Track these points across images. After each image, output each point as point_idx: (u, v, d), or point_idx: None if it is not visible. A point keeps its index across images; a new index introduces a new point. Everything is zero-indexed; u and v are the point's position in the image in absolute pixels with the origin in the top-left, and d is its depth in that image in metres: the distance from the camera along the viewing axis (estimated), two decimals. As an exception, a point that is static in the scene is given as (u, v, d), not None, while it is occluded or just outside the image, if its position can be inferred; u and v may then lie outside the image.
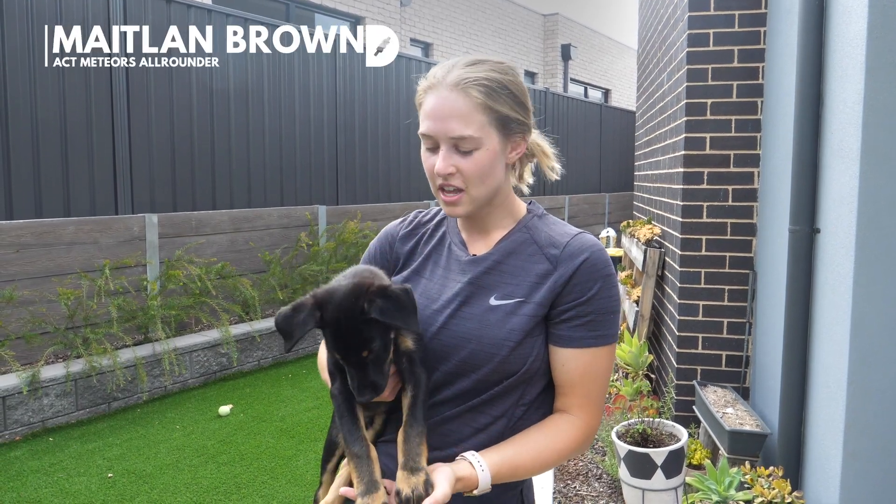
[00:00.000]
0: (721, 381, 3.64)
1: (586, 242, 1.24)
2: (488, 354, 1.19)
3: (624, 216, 13.66)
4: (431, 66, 1.29)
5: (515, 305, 1.21)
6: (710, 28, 3.58)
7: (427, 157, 1.24)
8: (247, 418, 4.49)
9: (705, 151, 3.64)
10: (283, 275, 6.30)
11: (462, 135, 1.18)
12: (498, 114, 1.21)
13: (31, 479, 3.57)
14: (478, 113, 1.19)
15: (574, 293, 1.20)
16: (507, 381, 1.21)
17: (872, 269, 2.29)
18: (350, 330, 1.10)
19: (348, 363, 1.12)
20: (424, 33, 13.91)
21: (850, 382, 2.33)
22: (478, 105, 1.19)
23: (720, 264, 3.66)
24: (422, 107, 1.24)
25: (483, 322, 1.21)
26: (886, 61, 2.25)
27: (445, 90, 1.20)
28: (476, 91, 1.19)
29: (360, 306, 1.09)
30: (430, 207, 1.50)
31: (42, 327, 4.58)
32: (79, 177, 5.31)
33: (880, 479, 2.32)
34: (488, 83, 1.20)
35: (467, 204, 1.24)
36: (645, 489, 3.01)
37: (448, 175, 1.21)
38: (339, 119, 7.64)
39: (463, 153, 1.20)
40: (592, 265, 1.21)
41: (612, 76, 21.36)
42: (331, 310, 1.11)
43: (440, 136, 1.20)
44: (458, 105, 1.18)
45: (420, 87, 1.26)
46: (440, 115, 1.19)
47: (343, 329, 1.10)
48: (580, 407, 1.24)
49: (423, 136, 1.23)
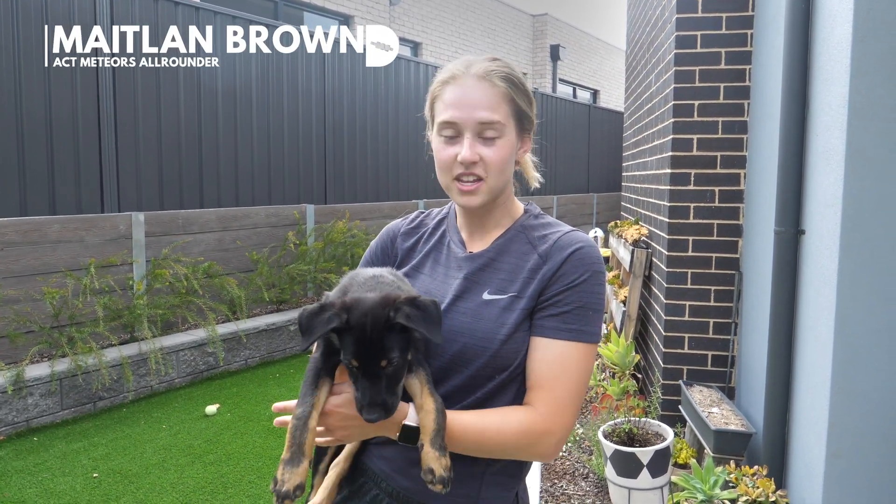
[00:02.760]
0: (707, 380, 3.67)
1: (577, 238, 1.25)
2: (480, 348, 1.20)
3: (612, 216, 13.72)
4: (421, 66, 1.30)
5: (509, 300, 1.22)
6: (697, 30, 3.61)
7: (444, 148, 1.25)
8: (234, 418, 4.47)
9: (692, 153, 3.66)
10: (271, 274, 6.28)
11: (491, 119, 1.21)
12: (517, 107, 1.26)
13: (16, 479, 3.54)
14: (503, 102, 1.23)
15: (559, 283, 1.21)
16: (498, 377, 1.21)
17: (856, 270, 2.32)
18: (374, 336, 1.08)
19: (364, 372, 1.09)
20: (413, 33, 13.90)
21: (834, 382, 2.36)
22: (503, 95, 1.23)
23: (706, 265, 3.68)
24: (440, 98, 1.26)
25: (476, 316, 1.22)
26: (871, 65, 2.27)
27: (471, 80, 1.23)
28: (501, 82, 1.23)
29: (387, 314, 1.09)
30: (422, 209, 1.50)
31: (27, 326, 4.54)
32: (64, 174, 5.26)
33: (863, 477, 2.35)
34: (510, 77, 1.25)
35: (484, 194, 1.25)
36: (631, 488, 3.03)
37: (472, 163, 1.22)
38: (327, 118, 7.62)
39: (486, 141, 1.22)
40: (580, 258, 1.22)
41: (600, 77, 21.44)
42: (357, 314, 1.09)
43: (467, 123, 1.22)
44: (486, 93, 1.22)
45: (437, 80, 1.29)
46: (467, 103, 1.22)
47: (368, 334, 1.08)
48: (543, 402, 1.18)
49: (444, 125, 1.24)
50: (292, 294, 6.54)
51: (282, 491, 1.05)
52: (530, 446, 1.18)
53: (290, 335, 6.08)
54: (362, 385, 1.08)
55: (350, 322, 1.08)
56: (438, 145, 1.27)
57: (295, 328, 6.11)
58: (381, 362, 1.08)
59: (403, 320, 1.07)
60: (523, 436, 1.16)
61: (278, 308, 6.49)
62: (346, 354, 1.10)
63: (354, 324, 1.08)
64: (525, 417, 1.17)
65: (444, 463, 1.08)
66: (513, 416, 1.18)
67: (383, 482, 1.28)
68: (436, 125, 1.27)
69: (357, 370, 1.09)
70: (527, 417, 1.17)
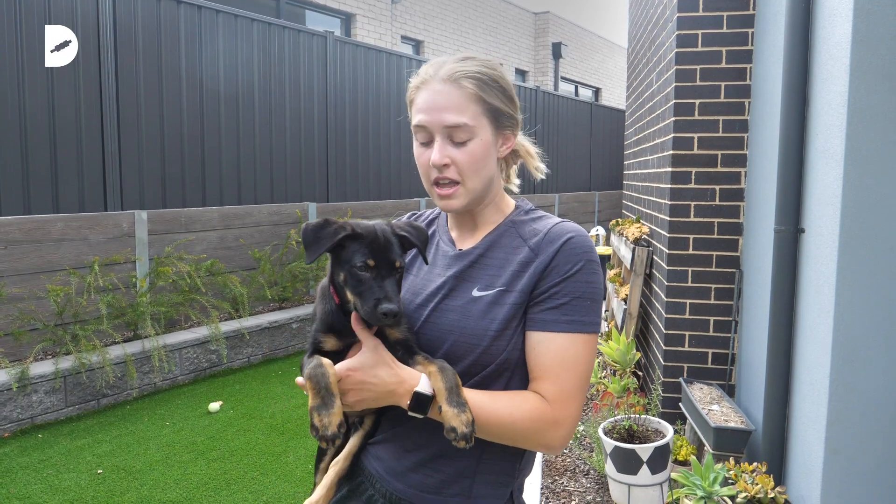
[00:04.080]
0: (707, 378, 3.69)
1: (567, 228, 1.25)
2: (469, 346, 1.20)
3: (613, 214, 13.74)
4: (423, 64, 1.32)
5: (497, 295, 1.22)
6: (698, 29, 3.62)
7: (421, 153, 1.26)
8: (236, 415, 4.50)
9: (693, 151, 3.68)
10: (273, 272, 6.30)
11: (457, 122, 1.21)
12: (490, 105, 1.25)
13: (21, 475, 3.57)
14: (471, 103, 1.22)
15: (553, 275, 1.20)
16: (484, 371, 1.21)
17: (856, 268, 2.33)
18: (386, 239, 1.16)
19: (379, 273, 1.13)
20: (415, 31, 13.90)
21: (833, 380, 2.37)
22: (471, 95, 1.22)
23: (707, 263, 3.70)
24: (413, 103, 1.27)
25: (465, 313, 1.22)
26: (871, 65, 2.28)
27: (438, 83, 1.23)
28: (468, 83, 1.22)
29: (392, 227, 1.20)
30: (423, 208, 1.52)
31: (31, 324, 4.56)
32: (68, 173, 5.29)
33: (861, 474, 2.37)
34: (479, 76, 1.24)
35: (463, 197, 1.25)
36: (631, 484, 3.05)
37: (443, 166, 1.22)
38: (329, 116, 7.64)
39: (457, 144, 1.22)
40: (572, 248, 1.21)
41: (602, 75, 21.42)
42: (365, 226, 1.17)
43: (435, 127, 1.22)
44: (452, 96, 1.21)
45: (411, 84, 1.29)
46: (434, 107, 1.22)
47: (380, 237, 1.16)
48: (550, 392, 1.17)
49: (416, 130, 1.25)
50: (294, 292, 6.56)
51: (327, 434, 1.06)
52: (538, 434, 1.17)
53: (293, 333, 6.10)
54: (376, 284, 1.12)
55: (358, 231, 1.15)
56: (416, 150, 1.28)
57: (298, 325, 6.14)
58: (395, 262, 1.15)
59: (407, 233, 1.19)
60: (532, 422, 1.16)
61: (281, 306, 6.51)
62: (360, 258, 1.14)
63: (365, 232, 1.16)
64: (536, 404, 1.17)
65: (465, 418, 1.08)
66: (523, 402, 1.17)
67: (378, 483, 1.29)
68: (412, 128, 1.28)
69: (372, 270, 1.13)
70: (537, 404, 1.17)
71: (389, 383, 1.13)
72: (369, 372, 1.13)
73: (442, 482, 1.23)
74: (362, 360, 1.14)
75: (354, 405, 1.16)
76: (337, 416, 1.07)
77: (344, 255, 1.15)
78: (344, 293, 1.17)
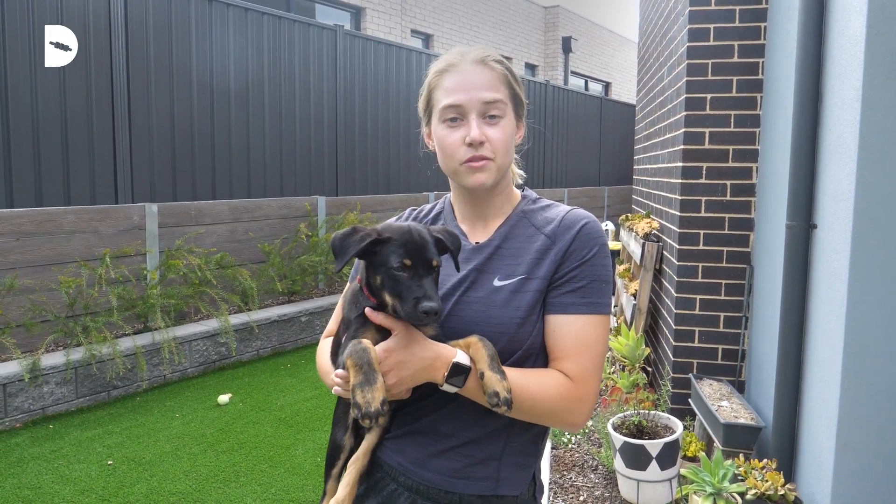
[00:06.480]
0: (717, 374, 3.67)
1: (580, 215, 1.30)
2: (497, 334, 1.22)
3: (623, 209, 13.68)
4: (432, 57, 1.32)
5: (519, 283, 1.25)
6: (710, 23, 3.59)
7: (448, 134, 1.28)
8: (245, 407, 4.52)
9: (704, 146, 3.65)
10: (282, 265, 6.32)
11: (494, 98, 1.25)
12: (513, 91, 1.31)
13: (32, 465, 3.60)
14: (502, 84, 1.28)
15: (571, 259, 1.25)
16: (511, 358, 1.23)
17: (867, 264, 2.31)
18: (421, 239, 1.15)
19: (416, 272, 1.12)
20: (425, 24, 13.87)
21: (844, 376, 2.36)
22: (501, 77, 1.28)
23: (717, 259, 3.68)
24: (439, 87, 1.29)
25: (489, 304, 1.25)
26: (885, 59, 2.26)
27: (469, 65, 1.27)
28: (498, 66, 1.29)
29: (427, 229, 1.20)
30: (424, 204, 1.51)
31: (42, 315, 4.60)
32: (79, 166, 5.31)
33: (872, 470, 2.35)
34: (504, 62, 1.31)
35: (494, 172, 1.28)
36: (640, 480, 3.04)
37: (480, 143, 1.25)
38: (339, 110, 7.64)
39: (490, 120, 1.26)
40: (588, 233, 1.26)
41: (612, 69, 21.32)
42: (396, 228, 1.17)
43: (471, 104, 1.25)
44: (485, 75, 1.27)
45: (433, 70, 1.32)
46: (468, 86, 1.25)
47: (415, 238, 1.15)
48: (573, 371, 1.22)
49: (448, 109, 1.27)
50: (303, 285, 6.58)
51: (371, 412, 1.04)
52: (565, 410, 1.22)
53: (302, 326, 6.13)
54: (415, 283, 1.12)
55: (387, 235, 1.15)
56: (442, 132, 1.29)
57: (307, 319, 6.16)
58: (432, 261, 1.15)
59: (442, 236, 1.20)
60: (561, 398, 1.21)
61: (290, 299, 6.53)
62: (396, 259, 1.13)
63: (398, 234, 1.15)
64: (562, 381, 1.21)
65: (507, 385, 1.13)
66: (551, 379, 1.22)
67: (401, 476, 1.29)
68: (437, 112, 1.29)
69: (409, 269, 1.13)
70: (563, 381, 1.22)
71: (426, 358, 1.15)
72: (406, 350, 1.14)
73: (470, 466, 1.25)
74: (397, 341, 1.15)
75: (393, 387, 1.15)
76: (380, 392, 1.06)
77: (378, 259, 1.16)
78: (382, 296, 1.16)
